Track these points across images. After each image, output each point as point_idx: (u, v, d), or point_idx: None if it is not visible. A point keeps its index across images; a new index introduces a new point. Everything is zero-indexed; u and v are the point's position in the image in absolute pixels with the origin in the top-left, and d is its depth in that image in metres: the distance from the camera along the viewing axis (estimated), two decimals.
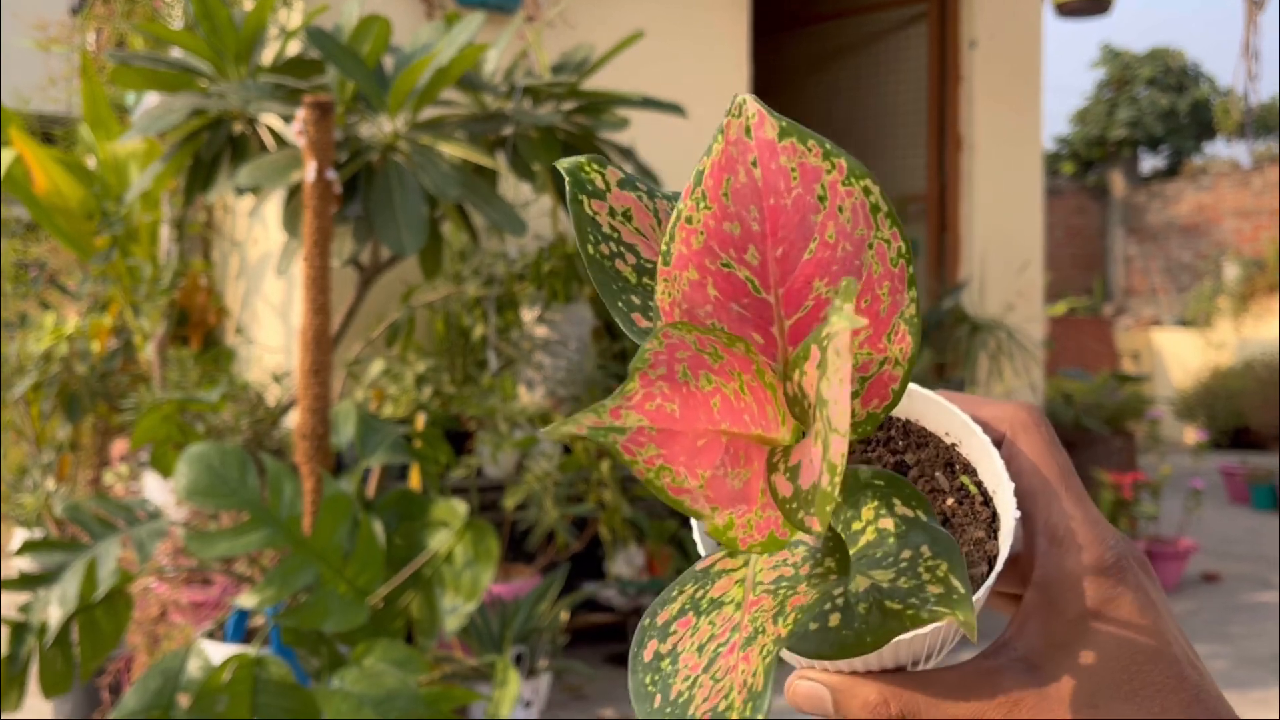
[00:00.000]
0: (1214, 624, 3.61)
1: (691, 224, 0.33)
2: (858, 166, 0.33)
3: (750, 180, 0.33)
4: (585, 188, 0.36)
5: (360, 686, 1.65)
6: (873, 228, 0.33)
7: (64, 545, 1.89)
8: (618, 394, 0.30)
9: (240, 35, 2.46)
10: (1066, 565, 0.36)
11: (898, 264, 0.33)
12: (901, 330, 0.34)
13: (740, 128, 0.33)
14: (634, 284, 0.36)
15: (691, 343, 0.31)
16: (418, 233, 2.28)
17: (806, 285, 0.33)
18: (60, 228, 3.25)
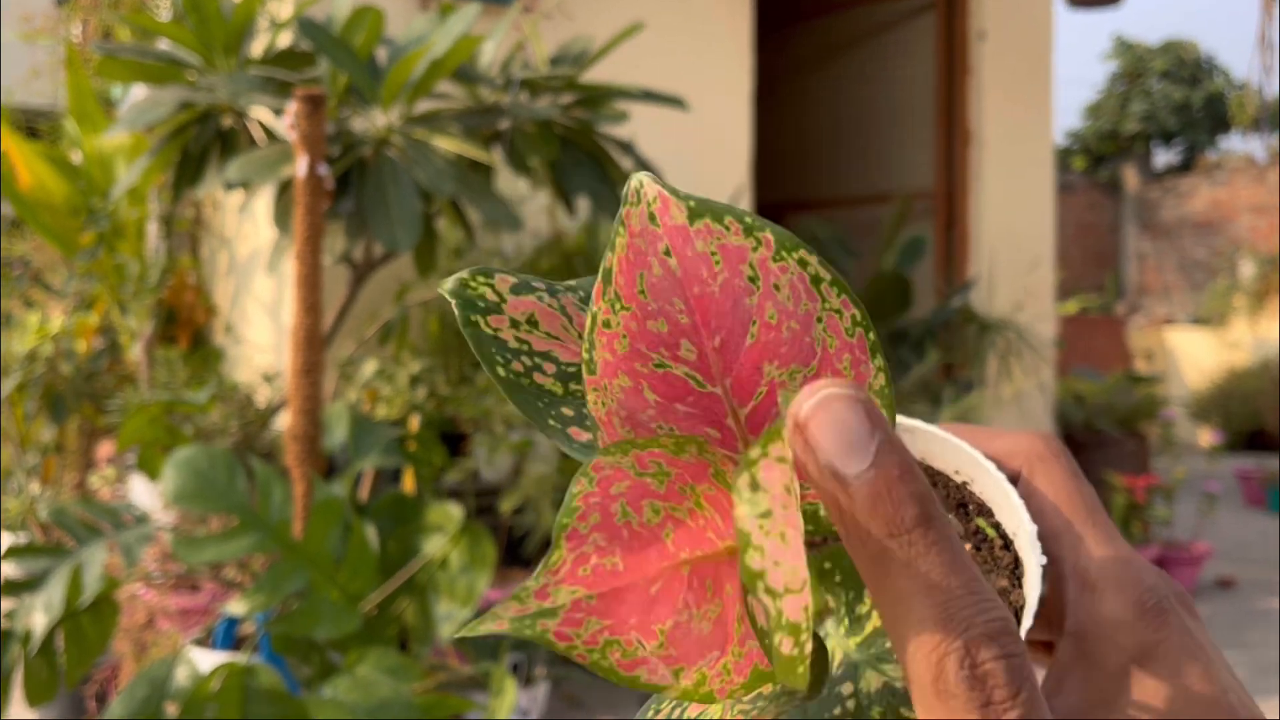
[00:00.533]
0: (1229, 631, 3.61)
1: (610, 328, 0.31)
2: (787, 238, 0.31)
3: (666, 272, 0.30)
4: (476, 306, 0.33)
5: (353, 695, 1.65)
6: (817, 299, 0.31)
7: (49, 550, 1.89)
8: (542, 569, 0.27)
9: (229, 26, 2.46)
10: (1102, 612, 0.34)
11: (854, 333, 0.31)
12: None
13: (643, 216, 0.30)
14: (561, 395, 0.33)
15: (629, 467, 0.29)
16: (411, 229, 2.28)
17: (755, 371, 0.31)
18: (45, 224, 3.25)
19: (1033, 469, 0.37)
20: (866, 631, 0.32)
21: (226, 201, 3.82)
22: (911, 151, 4.89)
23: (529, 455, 2.86)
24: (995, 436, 0.38)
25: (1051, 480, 0.37)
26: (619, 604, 0.28)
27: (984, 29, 4.50)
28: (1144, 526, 4.04)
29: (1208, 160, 11.65)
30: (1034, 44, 4.60)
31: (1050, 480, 0.37)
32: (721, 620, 0.29)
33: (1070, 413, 4.76)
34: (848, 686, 0.31)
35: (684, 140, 3.52)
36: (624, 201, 0.30)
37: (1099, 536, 0.35)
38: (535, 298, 0.34)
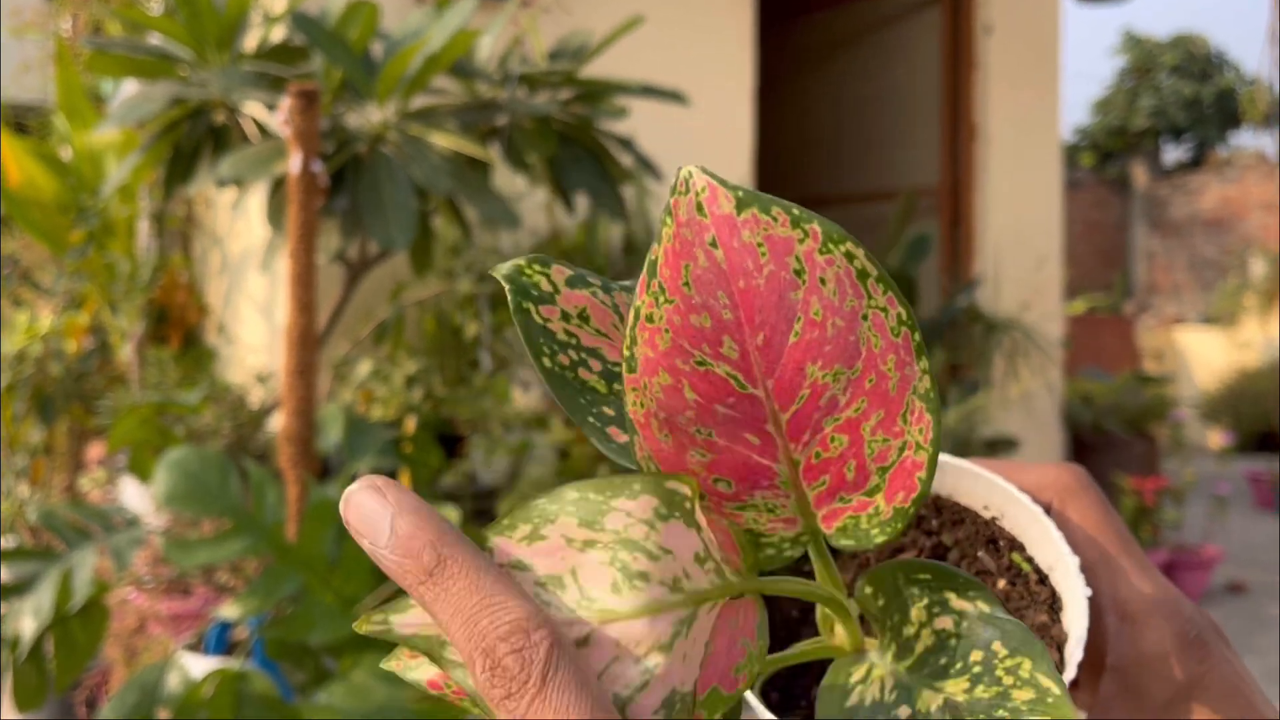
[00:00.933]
0: (1240, 637, 3.61)
1: (653, 322, 0.31)
2: (834, 230, 0.30)
3: (713, 264, 0.30)
4: (530, 294, 0.33)
5: (348, 702, 1.65)
6: (863, 296, 0.31)
7: (38, 554, 1.89)
8: None
9: (222, 20, 2.46)
10: (1144, 645, 0.34)
11: (900, 333, 0.31)
12: (918, 408, 0.31)
13: (690, 205, 0.30)
14: (604, 394, 0.33)
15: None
16: (407, 227, 2.28)
17: (799, 372, 0.30)
18: (34, 222, 3.25)
19: (1064, 502, 0.37)
20: (917, 653, 0.32)
21: (219, 199, 3.82)
22: (916, 148, 4.89)
23: (526, 457, 2.86)
24: (1023, 470, 0.38)
25: (1083, 513, 0.37)
26: None
27: (990, 23, 4.50)
28: (1153, 530, 4.04)
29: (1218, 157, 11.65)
30: (1041, 38, 4.60)
31: (1082, 513, 0.37)
32: None
33: (1078, 413, 4.76)
34: (904, 710, 0.30)
35: (685, 136, 3.52)
36: (672, 191, 0.30)
37: (1135, 569, 0.35)
38: (589, 292, 0.35)
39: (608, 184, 2.61)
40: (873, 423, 0.31)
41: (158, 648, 2.23)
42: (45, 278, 3.71)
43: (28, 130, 3.95)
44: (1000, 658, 0.31)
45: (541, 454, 2.89)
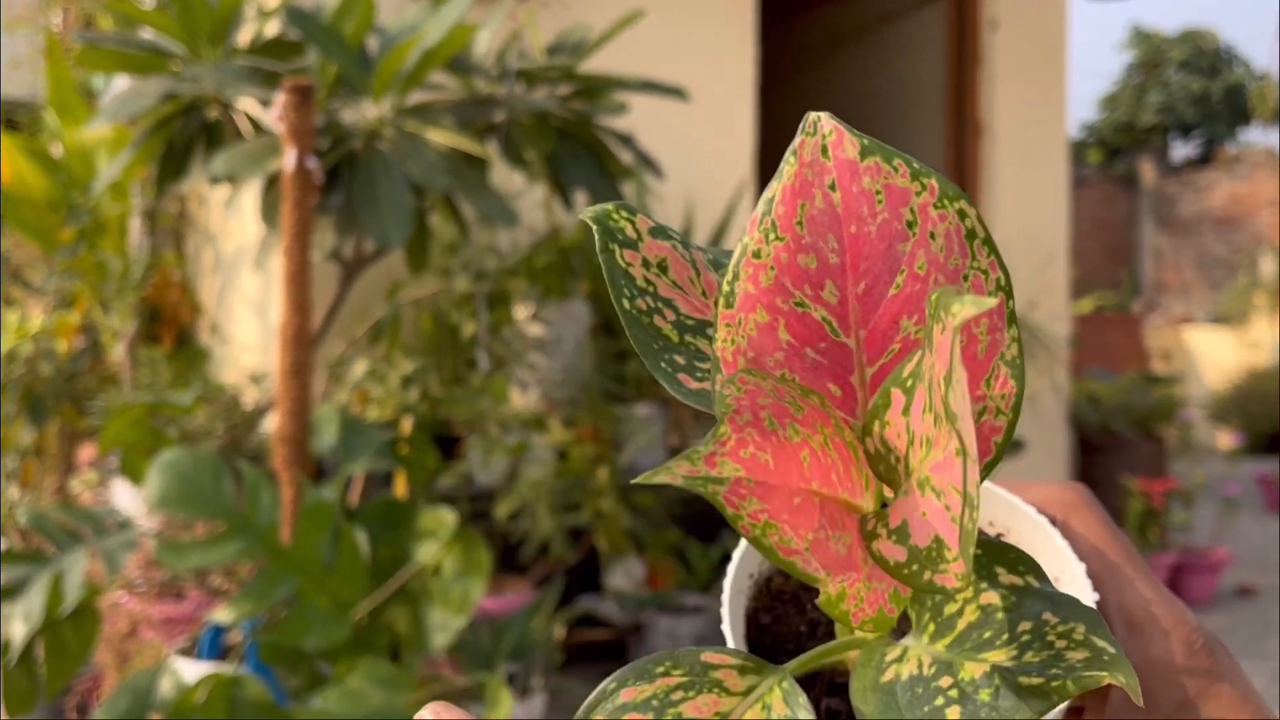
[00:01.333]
0: (1250, 641, 3.61)
1: (760, 258, 0.31)
2: (951, 187, 0.31)
3: (828, 206, 0.31)
4: (616, 237, 0.34)
5: (343, 707, 1.65)
6: (968, 256, 0.31)
7: (28, 557, 1.89)
8: (710, 439, 0.28)
9: (215, 15, 2.46)
10: (1152, 654, 0.34)
11: (996, 296, 0.31)
12: (1003, 373, 0.31)
13: (815, 147, 0.31)
14: (676, 343, 0.34)
15: (769, 390, 0.29)
16: (403, 225, 2.28)
17: (893, 325, 0.31)
18: (24, 220, 3.25)
19: (1067, 517, 0.38)
20: (959, 629, 0.31)
21: (212, 196, 3.82)
22: (920, 144, 4.90)
23: (524, 458, 2.86)
24: (1026, 488, 0.39)
25: (1088, 527, 0.38)
26: (772, 496, 0.29)
27: (996, 17, 4.51)
28: (1161, 532, 4.04)
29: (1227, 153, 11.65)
30: (1048, 33, 4.60)
31: (1087, 526, 0.38)
32: (852, 550, 0.30)
33: (1085, 414, 4.76)
34: (945, 680, 0.30)
35: (686, 132, 3.52)
36: (800, 132, 0.31)
37: (1140, 579, 0.36)
38: (670, 245, 0.35)
39: (607, 181, 2.61)
40: None
41: (150, 652, 2.23)
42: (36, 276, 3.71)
43: (18, 126, 3.95)
44: (1051, 625, 0.30)
45: (540, 455, 2.89)
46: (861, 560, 0.30)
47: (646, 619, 2.98)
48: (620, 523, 2.94)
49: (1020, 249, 4.49)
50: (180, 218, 4.04)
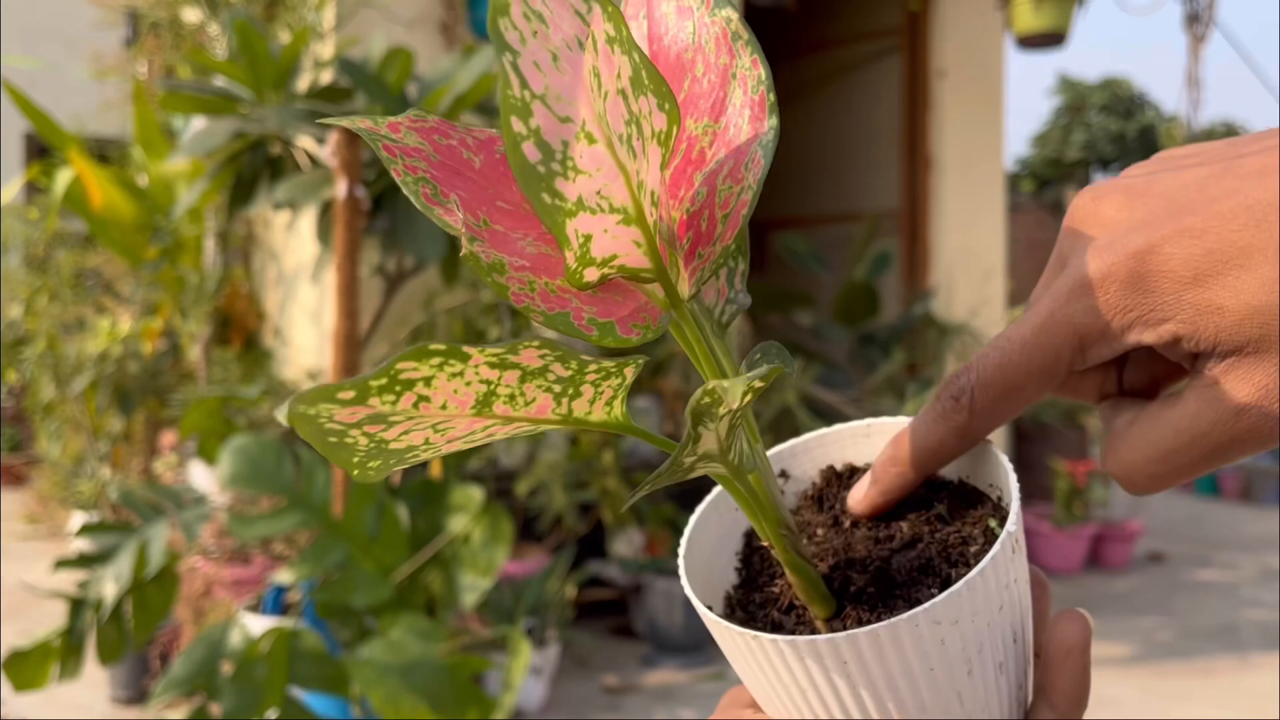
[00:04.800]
0: (1160, 600, 3.61)
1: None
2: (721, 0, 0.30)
3: (641, 29, 0.31)
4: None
5: (386, 656, 1.65)
6: (735, 56, 0.30)
7: (118, 528, 1.89)
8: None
9: (278, 65, 2.46)
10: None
11: (758, 91, 0.30)
12: (758, 157, 0.30)
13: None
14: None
15: None
16: (438, 244, 2.28)
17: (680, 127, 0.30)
18: (114, 240, 3.25)
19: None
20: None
21: (275, 220, 3.82)
22: (879, 175, 4.89)
23: (542, 443, 2.86)
24: None
25: None
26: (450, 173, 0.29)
27: (943, 67, 4.50)
28: (1084, 506, 4.03)
29: None
30: (987, 81, 4.59)
31: None
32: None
33: None
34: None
35: None
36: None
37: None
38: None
39: None
40: (724, 173, 0.30)
41: (222, 609, 2.23)
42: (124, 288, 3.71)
43: (109, 160, 3.95)
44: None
45: (554, 441, 2.88)
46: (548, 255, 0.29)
47: (645, 581, 2.98)
48: (622, 498, 2.93)
49: (964, 265, 4.49)
50: (248, 238, 4.03)
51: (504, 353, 0.26)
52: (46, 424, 4.05)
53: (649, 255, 0.29)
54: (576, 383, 0.28)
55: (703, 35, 0.30)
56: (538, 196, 0.25)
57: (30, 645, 1.74)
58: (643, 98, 0.26)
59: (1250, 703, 2.65)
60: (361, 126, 0.29)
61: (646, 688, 2.73)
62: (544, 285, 0.28)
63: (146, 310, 3.54)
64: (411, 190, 0.29)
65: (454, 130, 0.30)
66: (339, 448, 0.26)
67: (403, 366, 0.25)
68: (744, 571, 0.37)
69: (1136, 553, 4.23)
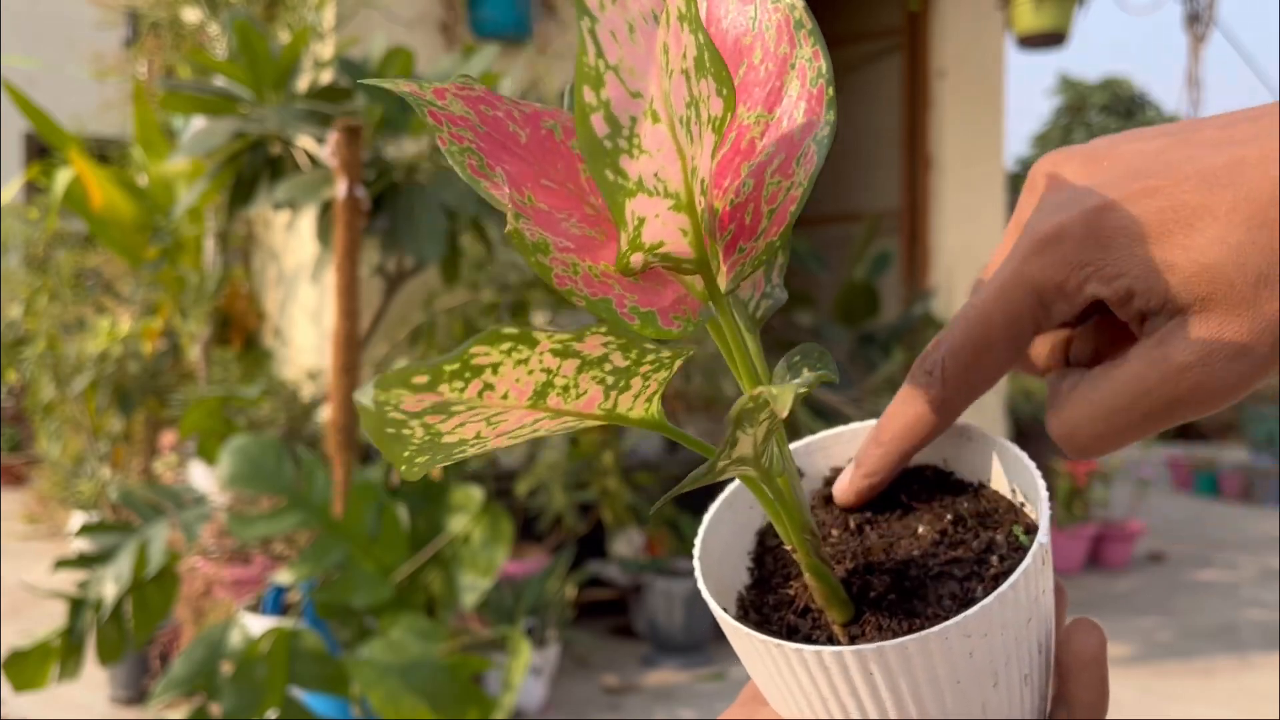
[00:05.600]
0: (1160, 599, 3.61)
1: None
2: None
3: (700, 9, 0.30)
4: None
5: (386, 656, 1.65)
6: (795, 45, 0.30)
7: (118, 528, 1.89)
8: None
9: (278, 65, 2.46)
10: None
11: (816, 84, 0.29)
12: (811, 153, 0.30)
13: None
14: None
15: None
16: (438, 244, 2.28)
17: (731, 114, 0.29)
18: (114, 240, 3.25)
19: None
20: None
21: (275, 220, 3.82)
22: (879, 175, 4.89)
23: (541, 444, 2.86)
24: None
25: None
26: (497, 148, 0.29)
27: (943, 68, 4.50)
28: (1084, 506, 4.03)
29: None
30: (987, 81, 4.59)
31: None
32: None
33: (1020, 407, 4.76)
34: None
35: None
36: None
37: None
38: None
39: None
40: (774, 166, 0.30)
41: (222, 609, 2.23)
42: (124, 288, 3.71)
43: (109, 160, 3.95)
44: (805, 375, 0.31)
45: (554, 440, 2.88)
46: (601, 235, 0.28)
47: (645, 581, 2.98)
48: (623, 499, 2.93)
49: (964, 265, 4.49)
50: (248, 238, 4.03)
51: (570, 339, 0.25)
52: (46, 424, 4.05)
53: (694, 245, 0.28)
54: (629, 374, 0.27)
55: (764, 21, 0.30)
56: (601, 173, 0.25)
57: (30, 645, 1.74)
58: (704, 80, 0.26)
59: (1250, 703, 2.65)
60: (406, 90, 0.29)
61: (646, 688, 2.73)
62: (587, 269, 0.28)
63: (146, 310, 3.54)
64: (458, 161, 0.28)
65: (500, 101, 0.29)
66: (395, 440, 0.25)
67: (476, 351, 0.24)
68: (756, 572, 0.36)
69: (1137, 553, 4.23)
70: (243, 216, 3.69)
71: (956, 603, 0.31)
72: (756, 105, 0.30)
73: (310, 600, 1.81)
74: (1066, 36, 3.79)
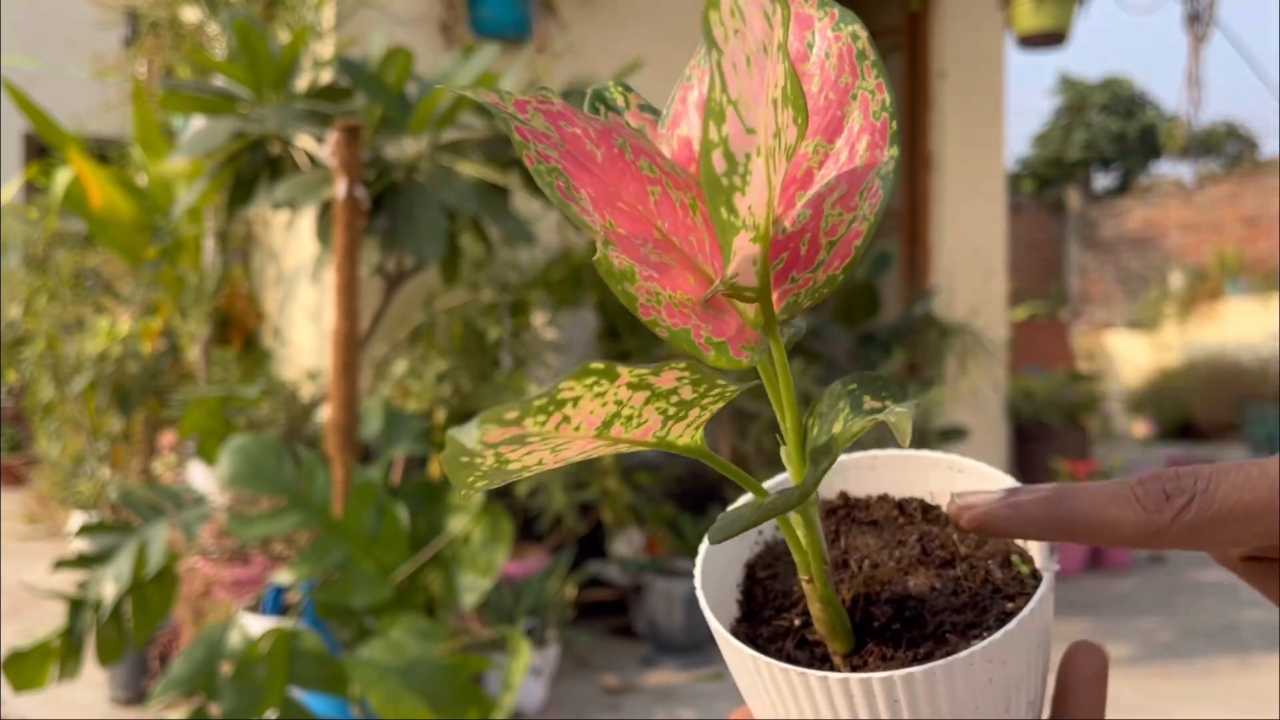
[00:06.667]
0: (1160, 600, 3.61)
1: (689, 81, 0.29)
2: (848, 14, 0.29)
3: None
4: (605, 100, 0.32)
5: (386, 656, 1.65)
6: (858, 76, 0.29)
7: (118, 528, 1.89)
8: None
9: (277, 65, 2.46)
10: None
11: (880, 117, 0.29)
12: (875, 187, 0.29)
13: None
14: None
15: (645, 146, 0.27)
16: (438, 244, 2.28)
17: None
18: (114, 240, 3.25)
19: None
20: (827, 423, 0.30)
21: (274, 219, 3.82)
22: None
23: None
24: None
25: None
26: (581, 171, 0.28)
27: (944, 68, 4.50)
28: None
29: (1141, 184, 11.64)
30: (988, 81, 4.59)
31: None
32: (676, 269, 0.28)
33: (1020, 407, 4.76)
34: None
35: None
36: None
37: None
38: (654, 119, 0.31)
39: None
40: (834, 198, 0.29)
41: (221, 609, 2.23)
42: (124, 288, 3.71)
43: (109, 160, 3.95)
44: (867, 405, 0.30)
45: None
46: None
47: (645, 581, 2.98)
48: (623, 499, 2.93)
49: (965, 265, 4.49)
50: (247, 238, 4.03)
51: (647, 374, 0.25)
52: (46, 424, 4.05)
53: (760, 274, 0.27)
54: (691, 406, 0.27)
55: (822, 49, 0.29)
56: (717, 210, 0.24)
57: (30, 645, 1.74)
58: (787, 109, 0.25)
59: (1251, 703, 2.65)
60: (489, 101, 0.27)
61: (646, 688, 2.73)
62: (669, 298, 0.27)
63: (146, 310, 3.54)
64: (546, 182, 0.27)
65: (578, 117, 0.28)
66: (466, 467, 0.25)
67: (564, 386, 0.24)
68: (745, 605, 0.36)
69: (1138, 553, 4.23)
70: (242, 216, 3.69)
71: (958, 632, 0.31)
72: (815, 135, 0.29)
73: (310, 600, 1.81)
74: (1066, 36, 3.79)
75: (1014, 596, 0.32)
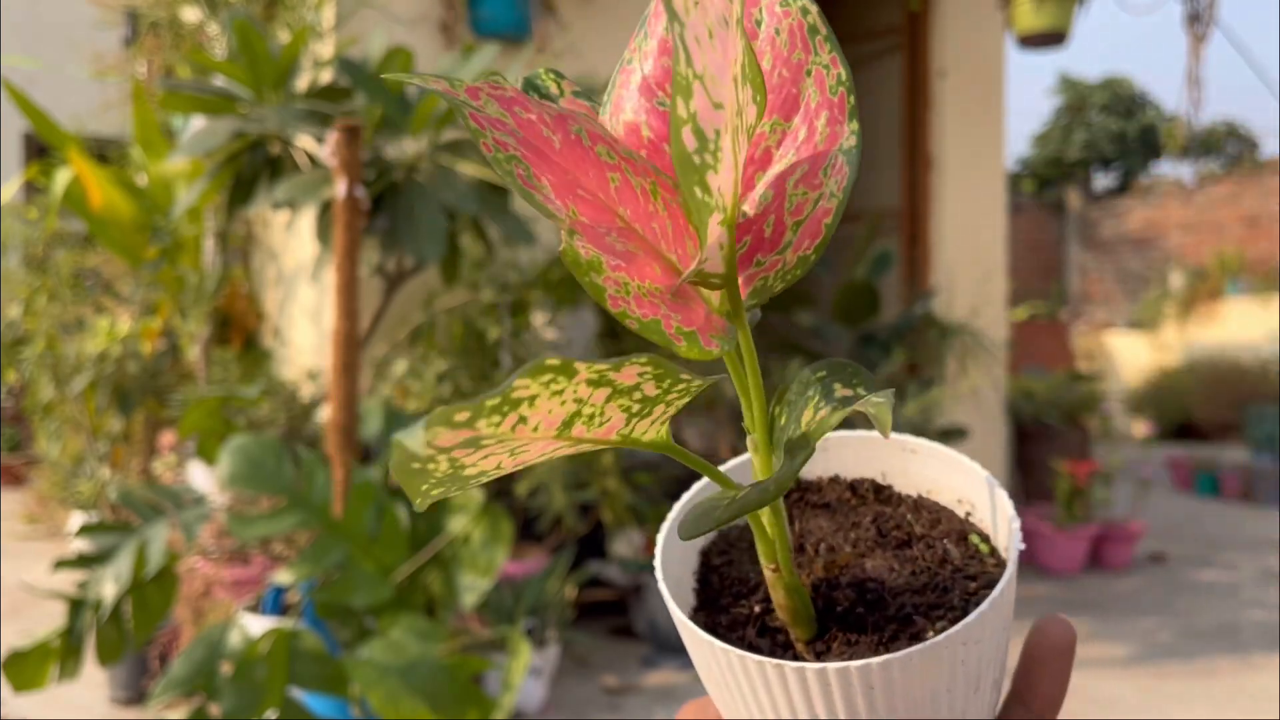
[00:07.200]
0: (1161, 600, 3.61)
1: (630, 64, 0.29)
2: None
3: None
4: (537, 88, 0.31)
5: (386, 656, 1.65)
6: (811, 52, 0.28)
7: (117, 528, 1.89)
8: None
9: (277, 65, 2.46)
10: None
11: (837, 92, 0.28)
12: (839, 164, 0.28)
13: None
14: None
15: (601, 133, 0.26)
16: (438, 244, 2.28)
17: None
18: (114, 240, 3.25)
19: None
20: (796, 413, 0.30)
21: (274, 219, 3.82)
22: (880, 175, 4.89)
23: None
24: None
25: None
26: (541, 160, 0.27)
27: (944, 68, 4.50)
28: (1085, 507, 4.03)
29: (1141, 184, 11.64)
30: (988, 81, 4.59)
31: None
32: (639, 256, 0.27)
33: (1020, 407, 4.76)
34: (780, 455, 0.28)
35: None
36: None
37: None
38: (590, 104, 0.31)
39: None
40: (797, 176, 0.28)
41: (221, 609, 2.23)
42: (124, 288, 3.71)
43: (108, 160, 3.95)
44: (839, 393, 0.29)
45: None
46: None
47: (645, 581, 2.98)
48: (623, 499, 2.93)
49: (965, 265, 4.49)
50: (247, 238, 4.03)
51: (606, 369, 0.24)
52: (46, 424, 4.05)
53: (727, 259, 0.27)
54: (656, 402, 0.26)
55: (772, 25, 0.28)
56: (691, 190, 0.24)
57: (30, 645, 1.74)
58: (746, 87, 0.24)
59: (1251, 704, 2.65)
60: (439, 89, 0.27)
61: (646, 688, 2.73)
62: (637, 288, 0.26)
63: (146, 310, 3.54)
64: (505, 170, 0.26)
65: (532, 103, 0.27)
66: (418, 474, 0.24)
67: (518, 384, 0.23)
68: (702, 593, 0.35)
69: (1137, 553, 4.23)
70: (242, 216, 3.69)
71: (921, 613, 0.31)
72: (771, 113, 0.29)
73: (310, 600, 1.81)
74: (1066, 36, 3.78)
75: (975, 575, 0.31)
